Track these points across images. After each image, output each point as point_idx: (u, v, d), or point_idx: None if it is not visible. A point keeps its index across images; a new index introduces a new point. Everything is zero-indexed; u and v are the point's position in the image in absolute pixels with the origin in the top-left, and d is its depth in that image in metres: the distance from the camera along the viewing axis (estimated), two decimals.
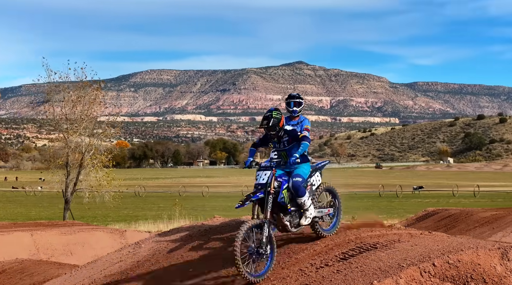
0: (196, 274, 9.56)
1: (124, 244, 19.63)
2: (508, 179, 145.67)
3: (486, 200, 75.85)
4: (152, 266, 10.07)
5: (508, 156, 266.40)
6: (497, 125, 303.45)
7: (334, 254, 8.74)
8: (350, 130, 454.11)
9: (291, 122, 11.17)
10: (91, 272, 10.74)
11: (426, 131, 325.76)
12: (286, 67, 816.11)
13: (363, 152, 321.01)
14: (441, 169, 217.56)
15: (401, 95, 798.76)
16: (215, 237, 10.84)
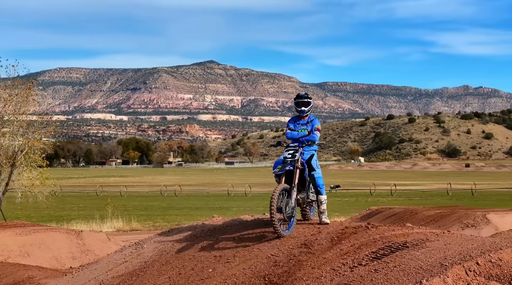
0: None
1: (81, 245, 19.32)
2: (418, 177, 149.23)
3: (403, 198, 77.49)
4: (163, 267, 10.00)
5: (417, 155, 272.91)
6: (406, 125, 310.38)
7: (364, 254, 8.74)
8: (261, 130, 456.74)
9: (300, 121, 11.49)
10: (94, 273, 10.41)
11: (338, 131, 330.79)
12: (197, 67, 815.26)
13: (275, 152, 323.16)
14: (353, 168, 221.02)
15: (311, 95, 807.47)
16: (224, 237, 10.79)
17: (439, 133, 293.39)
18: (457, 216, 24.83)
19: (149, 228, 41.01)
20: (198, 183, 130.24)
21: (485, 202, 66.40)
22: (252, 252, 9.84)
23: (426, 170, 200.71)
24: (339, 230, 10.13)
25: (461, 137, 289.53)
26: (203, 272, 9.56)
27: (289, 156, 10.68)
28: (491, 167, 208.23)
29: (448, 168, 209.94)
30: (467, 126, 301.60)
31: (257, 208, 62.76)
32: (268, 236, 10.47)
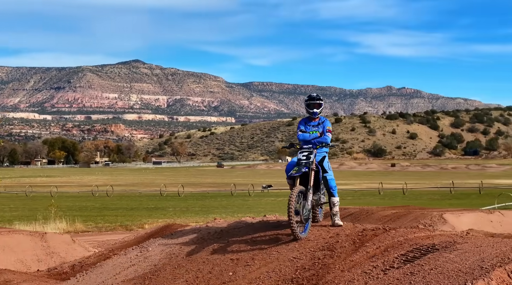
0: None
1: (46, 247, 19.00)
2: (346, 177, 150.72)
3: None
4: (176, 270, 9.88)
5: (343, 155, 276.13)
6: (332, 125, 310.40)
7: (393, 256, 8.70)
8: (187, 130, 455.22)
9: (311, 123, 11.53)
10: (101, 277, 10.21)
11: (265, 131, 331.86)
12: (123, 66, 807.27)
13: (203, 151, 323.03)
14: (281, 167, 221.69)
15: (237, 95, 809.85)
16: (235, 239, 10.72)
17: (365, 134, 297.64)
18: (414, 216, 25.04)
19: (92, 229, 40.51)
20: (127, 183, 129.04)
21: (417, 201, 67.46)
22: (271, 255, 9.77)
23: (353, 170, 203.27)
24: (357, 232, 10.12)
25: (386, 137, 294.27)
26: (222, 275, 9.52)
27: (304, 157, 10.67)
28: (416, 166, 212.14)
29: (375, 167, 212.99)
30: (392, 126, 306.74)
31: (193, 208, 62.73)
32: (282, 239, 10.43)
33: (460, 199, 71.41)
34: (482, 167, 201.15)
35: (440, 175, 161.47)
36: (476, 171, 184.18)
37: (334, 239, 9.99)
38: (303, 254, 9.57)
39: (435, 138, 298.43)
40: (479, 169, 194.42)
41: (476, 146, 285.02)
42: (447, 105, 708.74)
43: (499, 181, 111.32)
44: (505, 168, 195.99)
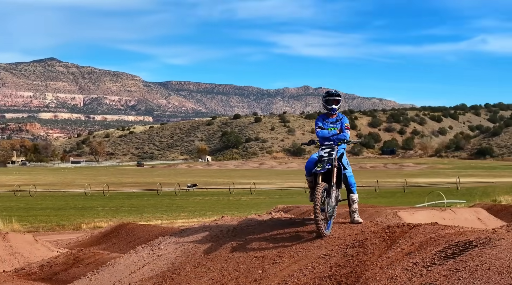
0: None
1: (8, 247, 18.56)
2: (268, 176, 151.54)
3: (264, 197, 78.62)
4: (197, 269, 9.78)
5: (263, 154, 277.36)
6: (252, 125, 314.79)
7: (431, 253, 8.65)
8: (104, 129, 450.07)
9: (329, 119, 11.34)
10: (115, 276, 10.19)
11: (185, 130, 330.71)
12: (38, 64, 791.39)
13: (122, 150, 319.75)
14: (202, 167, 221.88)
15: (155, 94, 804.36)
16: (252, 237, 10.61)
17: (284, 133, 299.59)
18: (368, 214, 25.22)
19: (29, 228, 39.79)
20: (47, 182, 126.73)
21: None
22: (298, 252, 9.70)
23: (274, 169, 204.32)
24: (383, 229, 10.05)
25: (305, 137, 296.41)
26: (251, 273, 9.44)
27: (326, 154, 10.55)
28: None
29: (295, 166, 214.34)
30: (311, 125, 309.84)
31: (122, 207, 62.16)
32: (304, 236, 10.38)
33: (385, 197, 72.69)
34: (399, 165, 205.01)
35: (360, 173, 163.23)
36: (394, 169, 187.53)
37: (361, 236, 9.92)
38: (334, 251, 9.49)
39: (353, 137, 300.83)
40: (397, 167, 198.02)
41: (393, 145, 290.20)
42: (363, 105, 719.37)
43: (421, 180, 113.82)
44: (422, 166, 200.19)
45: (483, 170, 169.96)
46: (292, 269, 9.21)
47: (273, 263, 9.53)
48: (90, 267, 15.47)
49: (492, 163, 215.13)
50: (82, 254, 16.65)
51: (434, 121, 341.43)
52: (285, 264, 9.41)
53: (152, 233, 22.20)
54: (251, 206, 62.60)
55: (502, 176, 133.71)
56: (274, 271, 9.29)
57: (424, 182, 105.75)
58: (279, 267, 9.38)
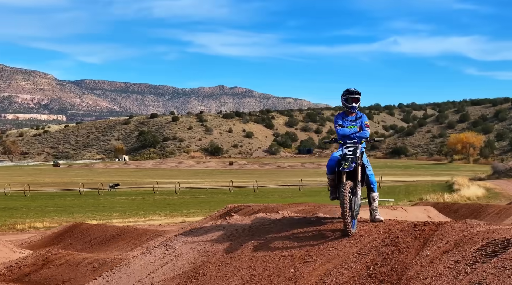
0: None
1: None
2: (187, 175, 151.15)
3: (189, 196, 78.59)
4: (222, 268, 9.76)
5: (181, 153, 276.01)
6: (169, 124, 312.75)
7: (470, 251, 8.69)
8: (16, 128, 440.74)
9: (348, 118, 11.29)
10: (134, 277, 10.15)
11: (101, 129, 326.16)
12: None
13: (36, 150, 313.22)
14: (119, 166, 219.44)
15: (68, 93, 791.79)
16: (272, 236, 10.56)
17: (202, 132, 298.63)
18: (324, 212, 25.52)
19: None
20: None
21: (269, 199, 68.76)
22: (328, 251, 9.68)
23: (193, 168, 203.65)
24: (409, 227, 10.06)
25: (223, 136, 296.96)
26: (283, 272, 9.40)
27: (350, 152, 10.56)
28: (253, 164, 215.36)
29: (213, 166, 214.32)
30: (229, 125, 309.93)
31: (48, 207, 61.17)
32: (328, 234, 10.37)
33: (311, 196, 73.32)
34: (317, 165, 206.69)
35: (279, 173, 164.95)
36: (312, 168, 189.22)
37: (390, 234, 9.93)
38: (366, 250, 9.50)
39: (270, 137, 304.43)
40: (315, 166, 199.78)
41: (310, 145, 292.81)
42: (278, 105, 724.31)
43: None
44: None
45: (399, 168, 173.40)
46: (327, 268, 9.21)
47: (304, 262, 9.52)
48: (63, 268, 15.28)
49: (407, 162, 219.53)
50: (52, 254, 16.35)
51: None
52: (317, 263, 9.40)
53: (108, 233, 22.01)
54: (179, 205, 62.57)
55: (418, 174, 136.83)
56: (307, 270, 9.28)
57: None
58: (311, 266, 9.38)
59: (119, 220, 43.77)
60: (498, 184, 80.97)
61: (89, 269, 15.04)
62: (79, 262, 15.61)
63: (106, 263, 15.05)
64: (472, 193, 64.81)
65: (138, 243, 20.20)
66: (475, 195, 64.27)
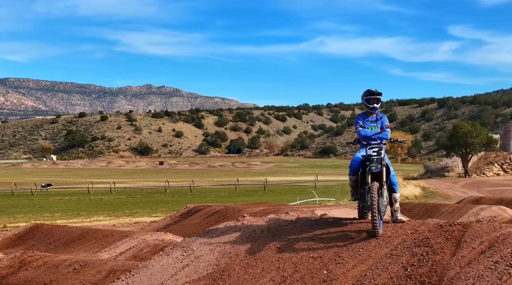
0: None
1: None
2: (117, 175, 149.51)
3: (125, 196, 77.96)
4: (249, 269, 9.67)
5: (110, 153, 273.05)
6: (98, 123, 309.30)
7: (507, 251, 8.73)
8: None
9: (369, 118, 11.29)
10: (156, 279, 10.05)
11: (28, 129, 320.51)
12: None
13: None
14: (47, 166, 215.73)
15: None
16: (295, 237, 10.52)
17: (131, 132, 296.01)
18: (284, 212, 25.43)
19: None
20: None
21: (207, 198, 68.72)
22: (358, 252, 9.68)
23: (123, 168, 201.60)
24: (436, 228, 10.08)
25: (152, 136, 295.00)
26: (315, 273, 9.37)
27: (374, 153, 10.57)
28: (184, 164, 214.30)
29: (143, 165, 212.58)
30: (158, 124, 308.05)
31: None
32: (353, 236, 10.38)
33: (248, 195, 73.58)
34: (247, 164, 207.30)
35: (210, 172, 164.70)
36: (243, 168, 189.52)
37: (418, 235, 9.94)
38: (399, 251, 9.49)
39: (200, 136, 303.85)
40: (245, 166, 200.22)
41: (239, 144, 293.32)
42: (206, 104, 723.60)
43: (274, 178, 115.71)
44: (269, 165, 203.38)
45: (328, 168, 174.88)
46: (361, 269, 9.23)
47: (336, 263, 9.50)
48: (42, 270, 15.00)
49: (336, 161, 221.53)
50: (28, 256, 16.06)
51: (279, 121, 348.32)
52: (349, 264, 9.40)
53: (72, 234, 21.70)
54: (118, 205, 62.04)
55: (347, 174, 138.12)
56: (341, 271, 9.27)
57: (284, 180, 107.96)
58: (344, 267, 9.36)
59: (63, 221, 43.11)
60: (432, 183, 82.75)
61: (71, 271, 14.80)
62: (59, 264, 15.35)
63: (87, 265, 14.85)
64: (409, 192, 66.05)
65: (105, 244, 19.95)
66: (413, 194, 65.54)
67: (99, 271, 14.19)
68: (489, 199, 38.50)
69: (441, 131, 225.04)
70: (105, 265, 14.61)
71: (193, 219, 27.67)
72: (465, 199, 42.92)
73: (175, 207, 55.29)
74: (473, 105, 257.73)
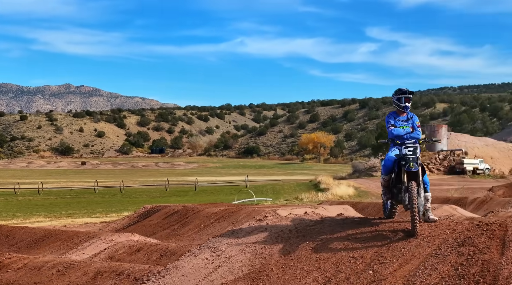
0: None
1: None
2: (39, 176, 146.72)
3: (54, 196, 76.72)
4: (288, 270, 9.59)
5: (30, 153, 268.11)
6: (18, 123, 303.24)
7: None
8: None
9: (400, 117, 11.28)
10: (189, 280, 9.88)
11: None
12: None
13: None
14: None
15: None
16: (326, 237, 10.46)
17: (52, 131, 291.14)
18: (246, 212, 24.76)
19: None
20: None
21: (138, 199, 68.13)
22: (401, 252, 9.64)
23: (44, 168, 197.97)
24: (474, 227, 10.05)
25: (74, 136, 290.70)
26: (361, 274, 9.32)
27: (410, 152, 10.59)
28: (107, 164, 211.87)
29: (65, 165, 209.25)
30: (80, 124, 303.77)
31: None
32: (389, 235, 10.33)
33: (180, 196, 73.21)
34: (171, 164, 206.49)
35: (134, 172, 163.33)
36: (167, 168, 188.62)
37: (459, 234, 9.90)
38: (443, 250, 9.46)
39: (122, 136, 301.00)
40: (169, 166, 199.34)
41: (162, 144, 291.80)
42: (126, 104, 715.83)
43: (203, 178, 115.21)
44: (193, 165, 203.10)
45: (252, 168, 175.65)
46: (408, 269, 9.19)
47: (380, 263, 9.45)
48: (23, 272, 14.60)
49: (260, 161, 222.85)
50: (5, 258, 15.65)
51: (202, 121, 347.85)
52: (395, 264, 9.34)
53: (35, 235, 21.22)
54: (49, 206, 60.82)
55: (272, 174, 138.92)
56: (388, 271, 9.22)
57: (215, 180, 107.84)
58: (390, 267, 9.31)
59: (1, 222, 42.22)
60: (361, 182, 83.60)
61: (55, 273, 14.47)
62: (41, 266, 15.00)
63: (71, 267, 14.55)
64: (344, 192, 66.56)
65: (71, 245, 19.56)
66: (347, 194, 65.94)
67: (85, 273, 13.89)
68: (436, 198, 38.86)
69: (363, 131, 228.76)
70: (90, 266, 14.35)
71: (152, 219, 27.41)
72: None
73: (111, 207, 54.82)
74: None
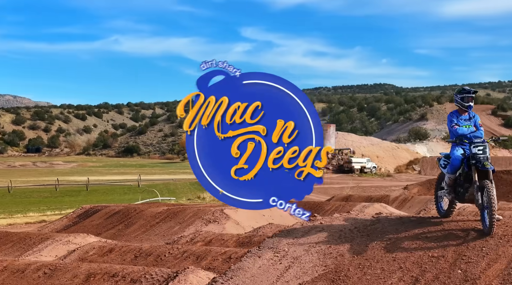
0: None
1: None
2: None
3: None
4: (367, 270, 9.50)
5: None
6: None
7: None
8: None
9: (462, 117, 11.21)
10: (259, 281, 9.65)
11: None
12: None
13: None
14: None
15: None
16: (393, 236, 10.36)
17: None
18: (192, 212, 25.04)
19: None
20: None
21: (28, 199, 66.16)
22: (483, 251, 9.54)
23: None
24: None
25: None
26: (449, 273, 9.24)
27: (480, 152, 10.50)
28: None
29: None
30: None
31: None
32: (461, 235, 10.19)
33: (72, 195, 71.33)
34: (49, 164, 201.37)
35: (12, 172, 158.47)
36: (46, 168, 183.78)
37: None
38: None
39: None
40: (48, 166, 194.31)
41: (39, 143, 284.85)
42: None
43: (79, 178, 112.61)
44: (72, 164, 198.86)
45: (133, 167, 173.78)
46: (498, 268, 9.10)
47: (465, 262, 9.34)
48: (6, 275, 14.04)
49: (140, 160, 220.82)
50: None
51: (79, 120, 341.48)
52: (482, 264, 9.27)
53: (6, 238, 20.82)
54: None
55: (153, 173, 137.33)
56: (478, 270, 9.15)
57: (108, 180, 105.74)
58: (479, 266, 9.24)
59: None
60: None
61: (41, 276, 13.95)
62: (23, 269, 14.47)
63: (58, 269, 14.11)
64: None
65: (25, 247, 19.07)
66: None
67: (75, 275, 13.69)
68: (358, 197, 39.23)
69: None
70: (79, 268, 13.92)
71: (93, 219, 27.02)
72: (335, 197, 43.00)
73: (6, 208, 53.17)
74: None
